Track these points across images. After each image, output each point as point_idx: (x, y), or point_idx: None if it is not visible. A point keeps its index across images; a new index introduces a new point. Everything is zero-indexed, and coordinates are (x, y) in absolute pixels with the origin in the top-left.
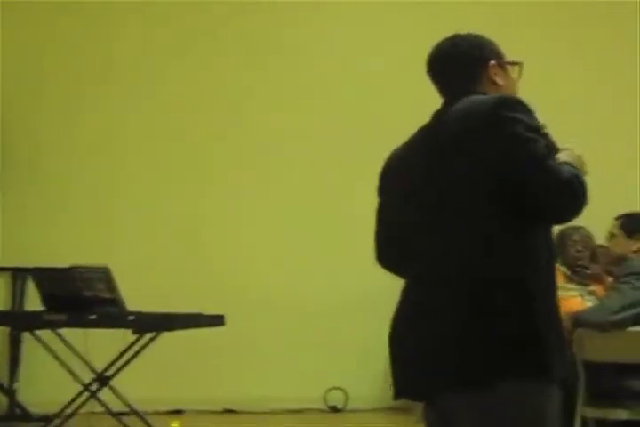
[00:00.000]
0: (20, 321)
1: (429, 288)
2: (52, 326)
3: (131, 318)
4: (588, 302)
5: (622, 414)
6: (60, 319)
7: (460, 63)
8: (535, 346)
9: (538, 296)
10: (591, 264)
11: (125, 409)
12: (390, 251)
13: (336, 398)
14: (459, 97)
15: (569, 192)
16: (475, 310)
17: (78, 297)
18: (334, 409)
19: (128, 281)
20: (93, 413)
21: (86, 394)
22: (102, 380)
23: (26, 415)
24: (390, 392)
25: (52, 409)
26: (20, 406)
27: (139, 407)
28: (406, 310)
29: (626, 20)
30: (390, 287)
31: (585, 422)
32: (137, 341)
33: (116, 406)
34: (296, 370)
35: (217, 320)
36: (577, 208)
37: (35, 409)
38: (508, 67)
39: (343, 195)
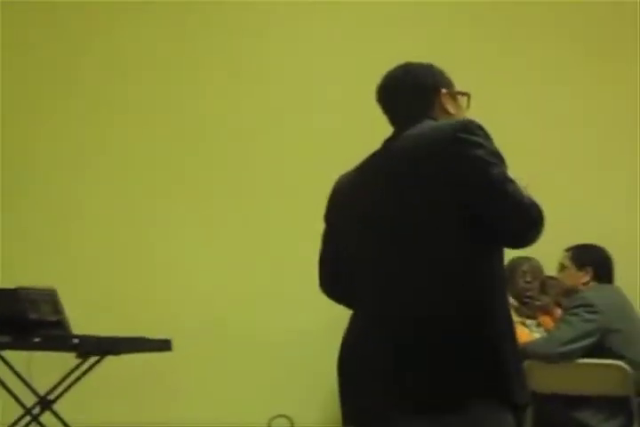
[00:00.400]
0: None
1: (391, 314)
2: None
3: (75, 341)
4: (536, 334)
5: None
6: (3, 341)
7: (413, 90)
8: (500, 371)
9: (501, 321)
10: (540, 296)
11: None
12: (339, 278)
13: (281, 426)
14: (412, 123)
15: (528, 218)
16: (438, 334)
17: (23, 319)
18: None
19: (75, 303)
20: None
21: (28, 418)
22: (45, 404)
23: None
24: (337, 418)
25: None
26: None
27: None
28: (362, 335)
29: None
30: (338, 315)
31: None
32: (81, 364)
33: None
34: (240, 397)
35: (163, 345)
36: (535, 234)
37: None
38: (458, 97)
39: (300, 222)
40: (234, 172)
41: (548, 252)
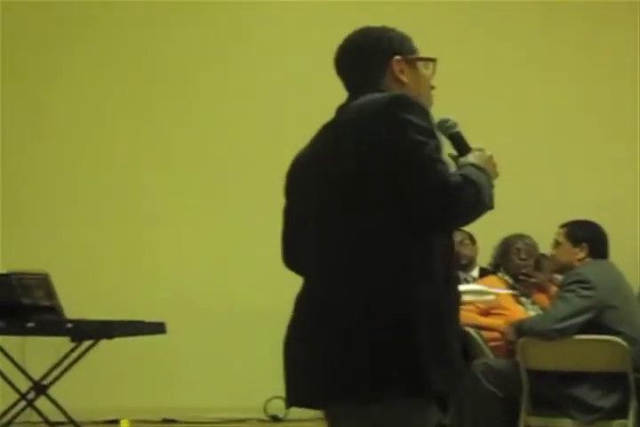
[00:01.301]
0: None
1: (315, 292)
2: None
3: (69, 325)
4: (531, 312)
5: (566, 423)
6: None
7: (365, 56)
8: (416, 361)
9: (423, 306)
10: (535, 273)
11: (63, 419)
12: (295, 251)
13: (276, 408)
14: (360, 93)
15: (454, 196)
16: (355, 322)
17: (16, 304)
18: (275, 419)
19: (68, 288)
20: (30, 422)
21: (23, 403)
22: (39, 389)
23: None
24: None
25: None
26: None
27: (76, 417)
28: (297, 314)
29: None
30: None
31: None
32: (75, 348)
33: (54, 415)
34: (236, 379)
35: (158, 328)
36: (465, 213)
37: None
38: (420, 64)
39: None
40: (221, 154)
41: (542, 229)
